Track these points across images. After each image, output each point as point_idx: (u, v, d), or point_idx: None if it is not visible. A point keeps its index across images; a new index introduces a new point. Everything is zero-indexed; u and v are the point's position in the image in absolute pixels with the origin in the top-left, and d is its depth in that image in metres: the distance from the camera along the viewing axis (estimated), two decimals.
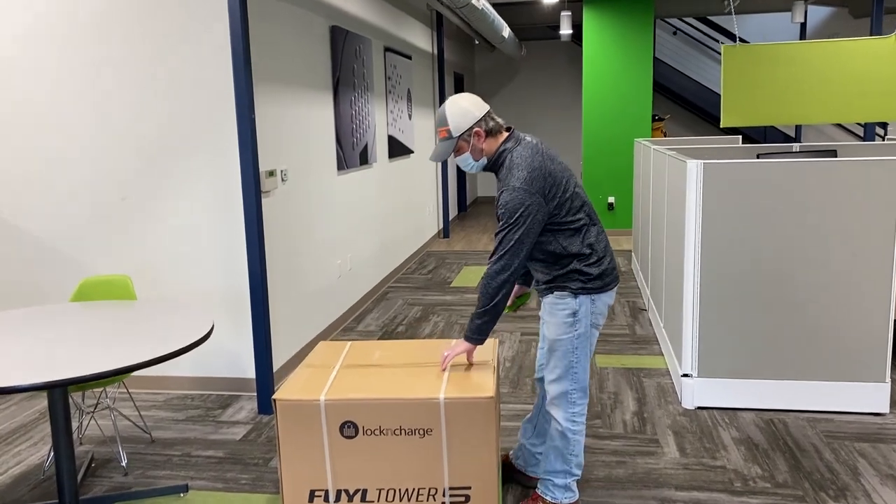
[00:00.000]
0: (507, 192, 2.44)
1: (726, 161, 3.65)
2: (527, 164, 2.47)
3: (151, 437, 3.62)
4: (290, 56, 4.58)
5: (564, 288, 2.59)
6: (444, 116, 2.51)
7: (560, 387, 2.66)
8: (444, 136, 2.52)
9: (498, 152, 2.54)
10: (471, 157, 2.56)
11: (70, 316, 3.08)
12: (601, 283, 2.60)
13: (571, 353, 2.62)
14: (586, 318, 2.60)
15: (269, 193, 4.25)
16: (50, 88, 4.04)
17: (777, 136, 11.47)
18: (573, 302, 2.59)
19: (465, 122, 2.50)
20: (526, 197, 2.42)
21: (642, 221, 6.19)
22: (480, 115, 2.52)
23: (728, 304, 3.73)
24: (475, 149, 2.54)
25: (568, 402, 2.66)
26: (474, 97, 2.56)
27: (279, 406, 2.46)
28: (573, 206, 2.55)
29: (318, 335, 4.99)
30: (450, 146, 2.52)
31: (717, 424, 3.62)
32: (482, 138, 2.52)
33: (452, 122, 2.50)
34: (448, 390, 2.44)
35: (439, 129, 2.54)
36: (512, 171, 2.46)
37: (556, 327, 2.62)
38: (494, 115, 2.57)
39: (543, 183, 2.46)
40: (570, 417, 2.67)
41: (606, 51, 8.81)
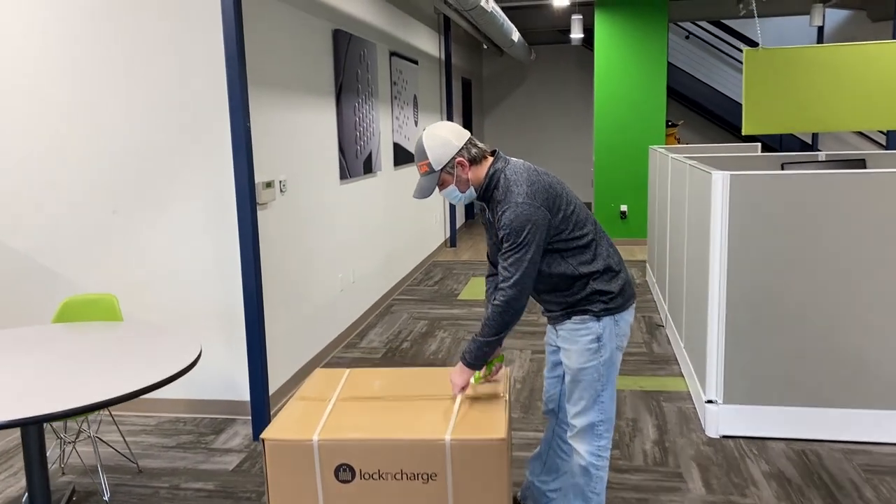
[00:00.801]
0: (510, 210, 2.23)
1: (754, 172, 3.40)
2: (525, 178, 2.29)
3: (138, 467, 3.39)
4: (290, 61, 4.36)
5: (585, 311, 2.38)
6: (422, 150, 2.31)
7: (586, 419, 2.43)
8: (424, 170, 2.32)
9: (488, 177, 2.33)
10: (456, 190, 2.35)
11: (50, 340, 2.86)
12: (622, 300, 2.40)
13: (597, 381, 2.40)
14: (611, 341, 2.40)
15: (267, 205, 4.02)
16: (37, 98, 3.82)
17: (794, 143, 11.19)
18: (596, 325, 2.37)
19: (445, 153, 2.30)
20: (532, 211, 2.23)
21: (659, 232, 5.93)
22: (461, 144, 2.32)
23: (756, 325, 3.47)
24: (460, 180, 2.33)
25: (594, 434, 2.44)
26: (452, 125, 2.36)
27: (268, 446, 2.23)
28: (578, 219, 2.36)
29: (318, 353, 4.76)
30: (433, 181, 2.32)
31: (744, 456, 3.36)
32: (466, 168, 2.32)
33: (432, 155, 2.29)
34: (455, 430, 2.20)
35: (419, 163, 2.33)
36: (510, 189, 2.27)
37: (578, 355, 2.40)
38: (476, 142, 2.37)
39: (546, 195, 2.29)
40: (596, 451, 2.45)
41: (619, 55, 8.57)
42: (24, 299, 4.01)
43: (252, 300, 3.58)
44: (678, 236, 4.71)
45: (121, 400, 2.27)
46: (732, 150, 6.61)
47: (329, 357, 4.94)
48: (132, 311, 3.94)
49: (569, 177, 12.90)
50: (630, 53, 8.54)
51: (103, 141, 3.81)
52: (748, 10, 8.11)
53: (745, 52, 5.12)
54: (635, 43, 8.51)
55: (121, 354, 2.66)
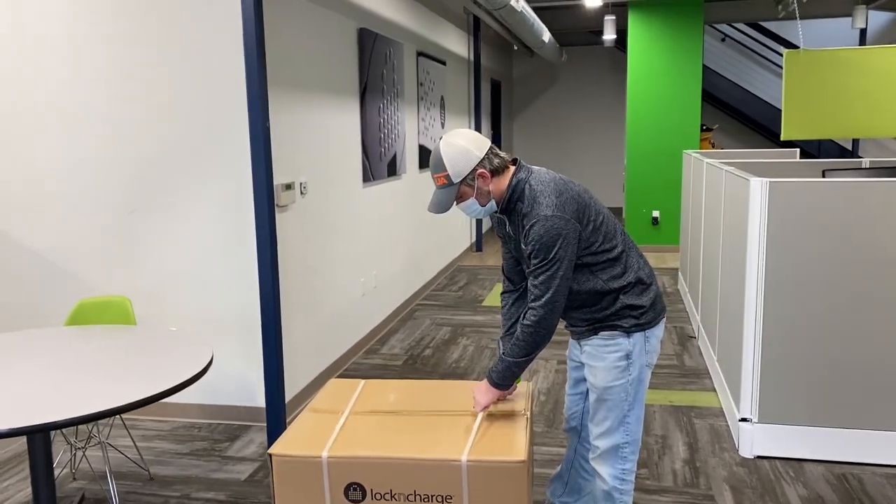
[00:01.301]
0: (539, 224, 2.08)
1: (794, 179, 3.22)
2: (552, 188, 2.12)
3: (150, 474, 3.31)
4: (313, 60, 4.26)
5: (614, 327, 2.23)
6: (439, 160, 2.13)
7: (610, 440, 2.29)
8: (442, 182, 2.14)
9: (510, 188, 2.16)
10: (476, 203, 2.18)
11: (61, 343, 2.79)
12: (653, 314, 2.26)
13: (624, 401, 2.26)
14: (640, 358, 2.26)
15: (286, 207, 3.92)
16: (52, 95, 3.77)
17: (833, 149, 10.86)
18: (626, 342, 2.23)
19: (465, 164, 2.12)
20: (562, 225, 2.08)
21: (692, 239, 5.74)
22: (482, 154, 2.14)
23: (794, 341, 3.29)
24: (481, 192, 2.16)
25: (618, 457, 2.30)
26: (472, 133, 2.19)
27: (275, 462, 2.12)
28: (608, 230, 2.20)
29: (337, 359, 4.65)
30: (451, 194, 2.14)
31: (780, 478, 3.18)
32: (488, 179, 2.15)
33: (451, 167, 2.12)
34: (473, 450, 2.06)
35: (435, 175, 2.15)
36: (538, 200, 2.10)
37: (605, 373, 2.26)
38: (498, 151, 2.19)
39: (576, 206, 2.13)
40: (619, 475, 2.31)
41: (653, 57, 8.36)
42: (38, 300, 3.97)
43: (269, 304, 3.48)
44: (713, 245, 4.53)
45: (126, 409, 2.18)
46: (770, 155, 6.39)
47: (348, 363, 4.84)
48: (146, 313, 3.87)
49: (599, 181, 12.69)
50: (664, 55, 8.33)
51: (120, 140, 3.75)
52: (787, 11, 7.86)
53: (785, 54, 4.91)
54: (670, 45, 8.31)
55: (130, 360, 2.57)
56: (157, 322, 3.88)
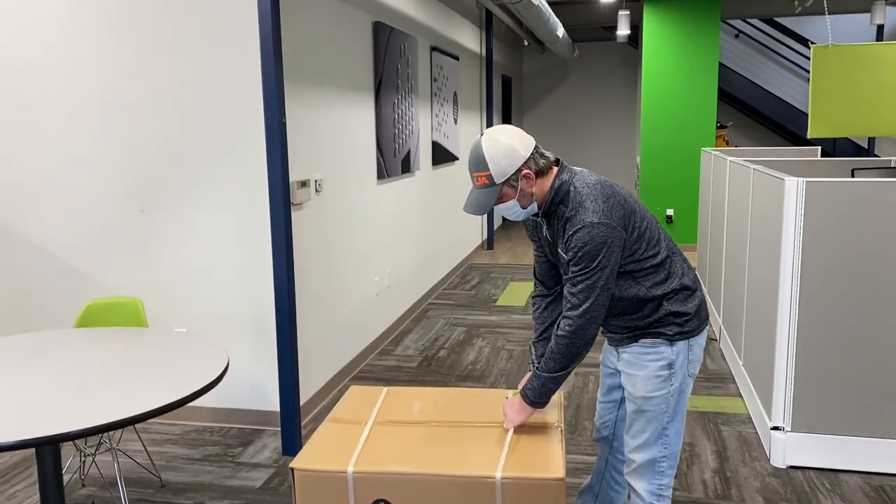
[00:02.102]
0: (583, 231, 1.95)
1: (832, 179, 3.09)
2: (599, 193, 1.99)
3: (161, 481, 3.20)
4: (327, 53, 4.14)
5: (657, 335, 2.11)
6: (481, 158, 1.98)
7: (647, 454, 2.18)
8: (483, 182, 1.99)
9: (553, 190, 2.03)
10: (517, 205, 2.04)
11: (70, 347, 2.68)
12: (698, 321, 2.14)
13: (664, 412, 2.14)
14: (683, 368, 2.14)
15: (301, 206, 3.81)
16: (62, 90, 3.66)
17: (848, 147, 10.71)
18: (669, 351, 2.11)
19: (510, 164, 1.97)
20: (608, 232, 1.95)
21: (713, 239, 5.61)
22: (528, 154, 2.00)
23: (831, 346, 3.16)
24: (524, 194, 2.02)
25: (655, 472, 2.19)
26: (517, 130, 2.04)
27: (298, 477, 2.00)
28: (652, 236, 2.08)
29: (351, 360, 4.54)
30: (492, 195, 1.99)
31: (816, 490, 3.06)
32: (532, 181, 2.01)
33: (494, 166, 1.97)
34: (507, 466, 1.95)
35: (476, 173, 2.00)
36: (584, 205, 1.97)
37: (646, 382, 2.14)
38: (543, 151, 2.05)
39: (623, 212, 2.01)
40: (657, 490, 2.20)
41: (668, 53, 8.22)
42: (47, 300, 3.86)
43: (284, 305, 3.37)
44: (738, 245, 4.40)
45: (139, 420, 2.07)
46: (791, 154, 6.25)
47: (362, 365, 4.73)
48: (158, 314, 3.76)
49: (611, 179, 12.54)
50: (680, 52, 8.19)
51: (131, 136, 3.63)
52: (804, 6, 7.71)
53: (812, 49, 4.77)
54: (685, 40, 8.16)
55: (143, 366, 2.46)
56: (168, 323, 3.77)
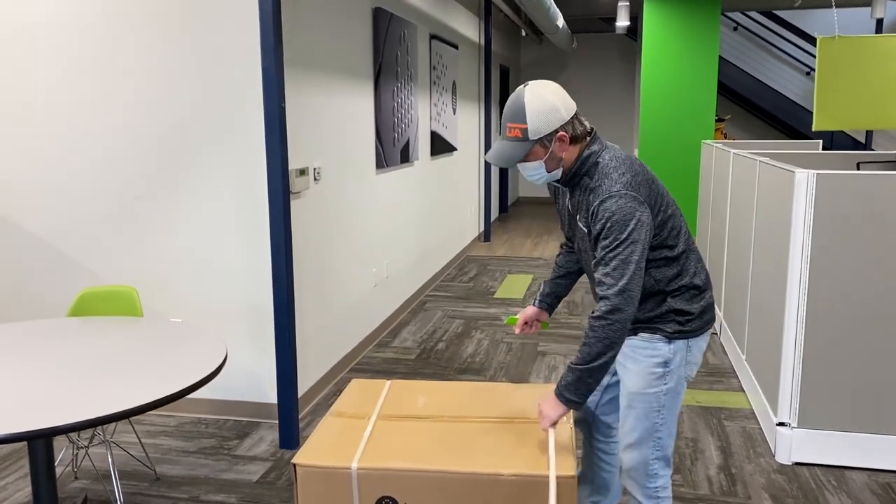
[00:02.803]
0: (611, 200, 1.85)
1: (844, 172, 3.04)
2: (627, 167, 1.91)
3: (156, 474, 3.13)
4: (327, 39, 4.06)
5: (656, 330, 2.05)
6: (521, 109, 1.88)
7: (637, 455, 2.12)
8: (516, 135, 1.90)
9: (581, 159, 1.95)
10: (543, 167, 1.95)
11: (63, 336, 2.60)
12: (700, 322, 2.07)
13: (657, 412, 2.08)
14: (679, 368, 2.08)
15: (300, 194, 3.73)
16: (56, 77, 3.56)
17: (846, 141, 10.68)
18: (666, 349, 2.05)
19: (549, 122, 1.89)
20: (636, 205, 1.85)
21: (714, 232, 5.56)
22: (569, 117, 1.92)
23: (840, 342, 3.12)
24: (553, 157, 1.94)
25: (647, 474, 2.13)
26: (561, 90, 1.95)
27: (300, 473, 1.94)
28: (675, 226, 2.00)
29: (349, 352, 4.48)
30: (521, 150, 1.90)
31: (822, 487, 3.02)
32: (566, 145, 1.93)
33: (532, 121, 1.88)
34: (516, 463, 1.89)
35: (510, 124, 1.91)
36: (609, 175, 1.89)
37: (639, 378, 2.08)
38: (582, 118, 1.98)
39: (649, 191, 1.92)
40: (653, 493, 2.14)
41: (668, 46, 8.16)
42: (39, 288, 3.78)
43: (282, 295, 3.30)
44: (741, 239, 4.35)
45: (134, 413, 2.00)
46: (792, 147, 6.20)
47: (360, 357, 4.66)
48: (153, 303, 3.68)
49: None
50: (680, 44, 8.13)
51: (127, 121, 3.54)
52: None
53: (819, 41, 4.71)
54: (685, 33, 8.10)
55: (138, 356, 2.39)
56: (164, 313, 3.69)
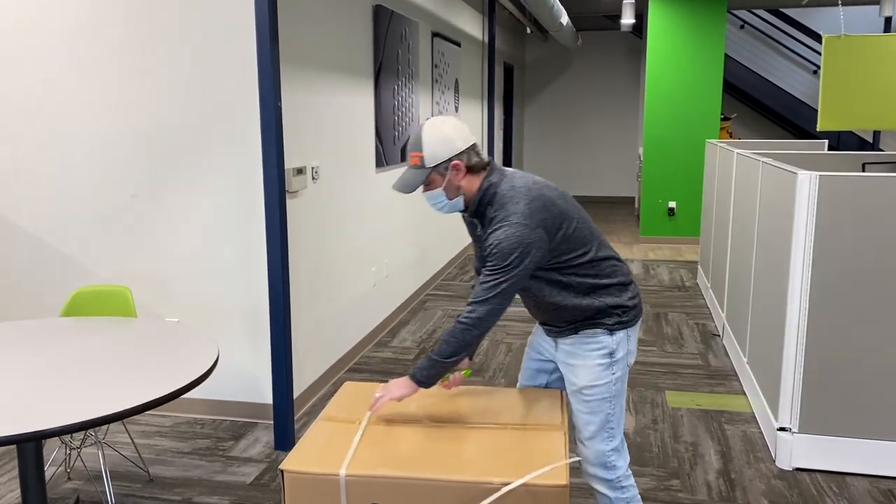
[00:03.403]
0: (501, 230, 1.99)
1: (847, 174, 2.99)
2: (523, 194, 2.03)
3: (149, 475, 3.11)
4: (326, 37, 4.02)
5: (597, 325, 2.16)
6: (418, 139, 2.06)
7: (594, 448, 2.21)
8: (415, 163, 2.07)
9: (481, 191, 2.09)
10: (443, 195, 2.10)
11: (55, 337, 2.58)
12: (635, 312, 2.21)
13: (608, 402, 2.18)
14: (624, 358, 2.19)
15: (297, 194, 3.70)
16: (51, 74, 3.54)
17: (852, 141, 10.60)
18: (609, 340, 2.16)
19: (443, 150, 2.04)
20: (525, 233, 1.98)
21: (717, 233, 5.51)
22: (464, 147, 2.07)
23: (841, 346, 3.07)
24: (451, 185, 2.08)
25: (607, 467, 2.21)
26: (460, 123, 2.11)
27: (287, 479, 1.91)
28: (581, 236, 2.13)
29: (347, 352, 4.45)
30: (420, 177, 2.06)
31: (823, 493, 2.98)
32: (461, 174, 2.07)
33: (428, 149, 2.04)
34: (508, 471, 1.85)
35: (411, 153, 2.09)
36: (506, 206, 2.03)
37: (588, 371, 2.18)
38: (479, 150, 2.12)
39: (546, 214, 2.03)
40: (617, 484, 2.23)
41: (673, 44, 8.10)
42: (31, 288, 3.75)
43: (278, 295, 3.27)
44: (743, 240, 4.30)
45: (124, 416, 1.98)
46: (797, 147, 6.14)
47: (358, 357, 4.63)
48: (148, 303, 3.65)
49: (612, 169, 12.44)
50: (685, 42, 8.06)
51: (121, 119, 3.52)
52: None
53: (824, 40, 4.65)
54: (691, 30, 8.04)
55: (129, 358, 2.36)
56: (160, 313, 3.67)
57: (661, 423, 3.64)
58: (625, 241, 8.83)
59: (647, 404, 3.87)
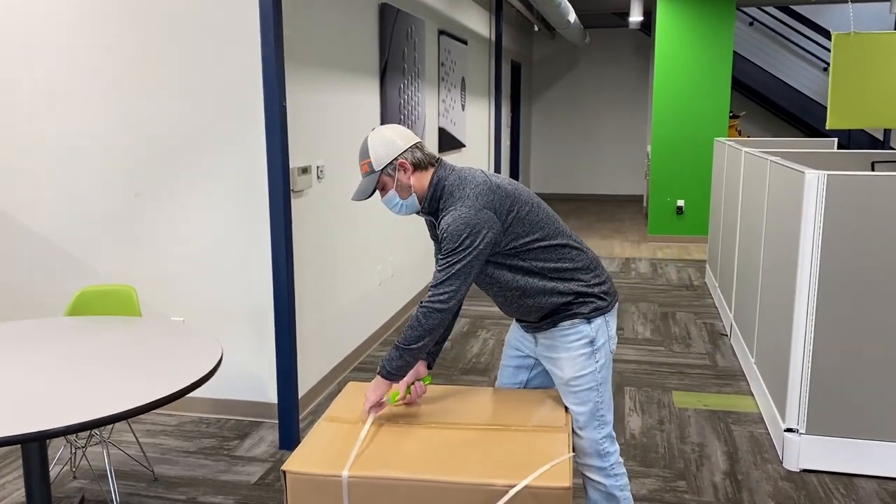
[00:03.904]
0: (449, 215, 2.06)
1: (855, 173, 2.96)
2: (467, 182, 2.10)
3: (154, 475, 3.11)
4: (331, 36, 4.01)
5: (574, 315, 2.18)
6: (365, 147, 2.14)
7: (587, 437, 2.23)
8: (365, 170, 2.15)
9: (431, 186, 2.14)
10: (397, 196, 2.16)
11: (59, 336, 2.58)
12: (610, 298, 2.22)
13: (596, 390, 2.20)
14: (606, 344, 2.21)
15: (302, 193, 3.69)
16: (54, 71, 3.54)
17: (863, 138, 10.52)
18: (588, 328, 2.17)
19: (387, 153, 2.12)
20: (472, 215, 2.03)
21: (725, 231, 5.48)
22: (406, 146, 2.14)
23: (849, 346, 3.04)
24: (401, 185, 2.15)
25: (600, 454, 2.24)
26: (400, 127, 2.19)
27: (290, 480, 1.90)
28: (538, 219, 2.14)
29: (353, 351, 4.44)
30: (372, 181, 2.13)
31: (830, 495, 2.95)
32: (408, 172, 2.13)
33: (374, 154, 2.12)
34: (512, 473, 1.84)
35: (361, 163, 2.16)
36: (452, 194, 2.10)
37: (572, 362, 2.19)
38: (424, 148, 2.19)
39: (492, 196, 2.07)
40: (610, 472, 2.26)
41: (682, 41, 8.05)
42: (36, 287, 3.76)
43: (283, 294, 3.27)
44: (752, 239, 4.27)
45: (127, 416, 1.98)
46: (806, 145, 6.10)
47: (363, 356, 4.63)
48: (152, 302, 3.66)
49: (620, 168, 12.39)
50: (694, 39, 8.02)
51: (126, 119, 3.52)
52: None
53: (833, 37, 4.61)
54: (699, 28, 7.99)
55: (133, 357, 2.36)
56: (165, 312, 3.67)
57: (668, 423, 3.62)
58: (633, 239, 8.80)
59: (654, 404, 3.85)
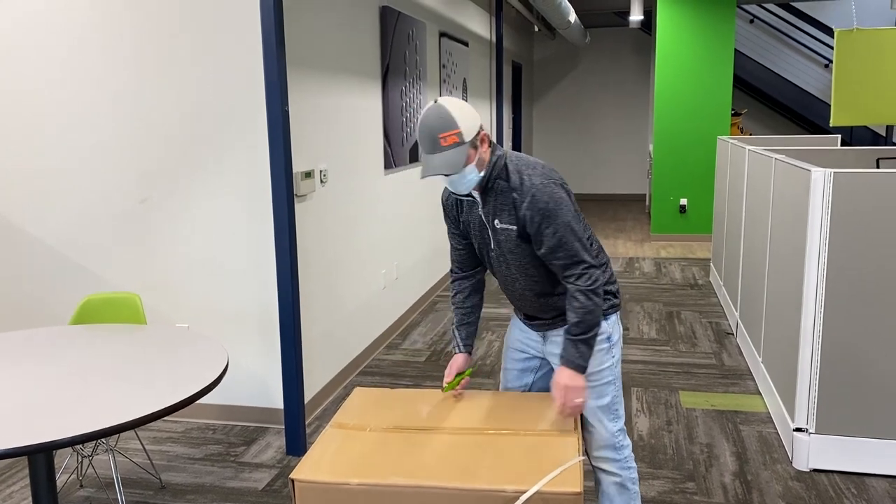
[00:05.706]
0: (540, 193, 1.97)
1: (862, 171, 2.94)
2: (533, 161, 2.05)
3: (161, 482, 3.10)
4: (333, 39, 4.00)
5: None
6: (449, 118, 1.92)
7: (603, 431, 2.23)
8: (453, 141, 1.92)
9: (493, 164, 2.03)
10: (475, 170, 2.00)
11: (65, 345, 2.57)
12: (620, 297, 2.26)
13: (612, 384, 2.21)
14: (619, 340, 2.23)
15: (306, 197, 3.68)
16: (58, 77, 3.54)
17: (866, 135, 10.49)
18: (605, 324, 2.18)
19: (475, 123, 1.98)
20: (557, 189, 1.99)
21: (730, 230, 5.46)
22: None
23: (859, 345, 3.02)
24: (480, 159, 2.01)
25: (615, 447, 2.24)
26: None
27: (298, 489, 1.89)
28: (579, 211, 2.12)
29: (358, 355, 4.43)
30: (463, 153, 1.93)
31: (841, 495, 2.93)
32: (486, 146, 2.03)
33: (463, 124, 1.93)
34: (522, 479, 1.83)
35: (443, 134, 1.92)
36: (524, 172, 2.01)
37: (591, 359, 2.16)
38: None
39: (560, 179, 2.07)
40: (625, 464, 2.26)
41: (683, 39, 8.03)
42: (41, 295, 3.76)
43: (288, 300, 3.26)
44: (757, 238, 4.25)
45: (134, 425, 1.96)
46: (809, 142, 6.07)
47: (370, 359, 4.62)
48: (157, 309, 3.65)
49: (622, 167, 12.37)
50: (694, 37, 8.00)
51: (129, 125, 3.51)
52: None
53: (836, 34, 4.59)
54: (700, 26, 7.97)
55: (138, 366, 2.35)
56: (170, 318, 3.66)
57: (676, 424, 3.60)
58: (636, 238, 8.78)
59: (661, 405, 3.83)
